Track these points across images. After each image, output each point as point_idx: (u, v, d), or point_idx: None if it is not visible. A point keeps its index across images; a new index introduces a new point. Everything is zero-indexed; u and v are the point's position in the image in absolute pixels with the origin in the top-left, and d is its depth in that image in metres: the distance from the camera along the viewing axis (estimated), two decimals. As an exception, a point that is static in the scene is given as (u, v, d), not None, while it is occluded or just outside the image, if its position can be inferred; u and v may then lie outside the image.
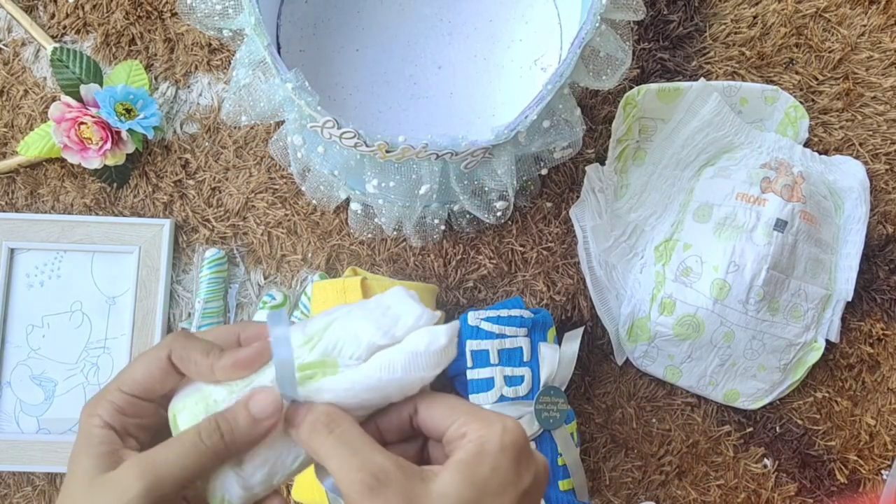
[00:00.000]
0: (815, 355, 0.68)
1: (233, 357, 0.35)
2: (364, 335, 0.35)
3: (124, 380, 0.36)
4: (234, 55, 0.55)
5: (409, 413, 0.37)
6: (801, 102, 0.71)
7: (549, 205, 0.70)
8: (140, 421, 0.36)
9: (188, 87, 0.71)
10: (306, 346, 0.35)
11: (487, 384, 0.61)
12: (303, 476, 0.61)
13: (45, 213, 0.69)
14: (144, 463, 0.33)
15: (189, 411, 0.35)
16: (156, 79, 0.71)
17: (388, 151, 0.51)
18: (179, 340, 0.37)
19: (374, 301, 0.37)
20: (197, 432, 0.34)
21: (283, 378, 0.35)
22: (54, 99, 0.69)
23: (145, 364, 0.36)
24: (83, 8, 0.71)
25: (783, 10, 0.72)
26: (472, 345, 0.61)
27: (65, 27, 0.71)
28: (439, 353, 0.35)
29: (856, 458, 0.69)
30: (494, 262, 0.70)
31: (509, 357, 0.62)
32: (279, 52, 0.68)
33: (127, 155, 0.68)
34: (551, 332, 0.64)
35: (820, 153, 0.71)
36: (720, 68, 0.72)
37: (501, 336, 0.61)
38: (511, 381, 0.61)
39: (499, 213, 0.64)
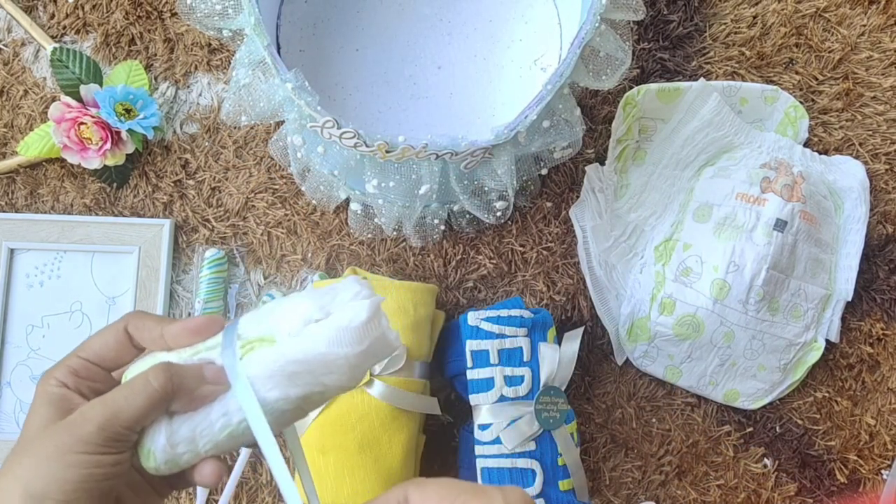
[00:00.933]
0: (815, 355, 0.68)
1: (183, 324, 0.38)
2: (301, 311, 0.36)
3: (82, 347, 0.39)
4: (233, 55, 0.55)
5: (398, 502, 0.36)
6: (800, 102, 0.71)
7: (549, 205, 0.70)
8: (93, 384, 0.38)
9: (188, 87, 0.71)
10: (254, 323, 0.37)
11: (487, 384, 0.61)
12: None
13: (45, 213, 0.69)
14: (98, 403, 0.35)
15: (139, 371, 0.37)
16: (155, 79, 0.71)
17: (387, 151, 0.51)
18: (136, 313, 0.40)
19: (326, 286, 0.38)
20: (145, 376, 0.36)
21: (225, 348, 0.36)
22: (54, 99, 0.69)
23: (103, 334, 0.39)
24: (83, 8, 0.71)
25: (783, 10, 0.72)
26: (472, 345, 0.61)
27: (64, 27, 0.71)
28: (361, 329, 0.35)
29: (856, 457, 0.69)
30: (494, 262, 0.70)
31: (509, 357, 0.62)
32: (279, 52, 0.68)
33: (127, 155, 0.68)
34: (551, 332, 0.64)
35: (820, 153, 0.71)
36: (720, 68, 0.72)
37: (501, 336, 0.61)
38: (511, 381, 0.61)
39: (499, 213, 0.64)
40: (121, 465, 0.35)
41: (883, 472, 0.69)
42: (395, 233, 0.68)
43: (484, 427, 0.61)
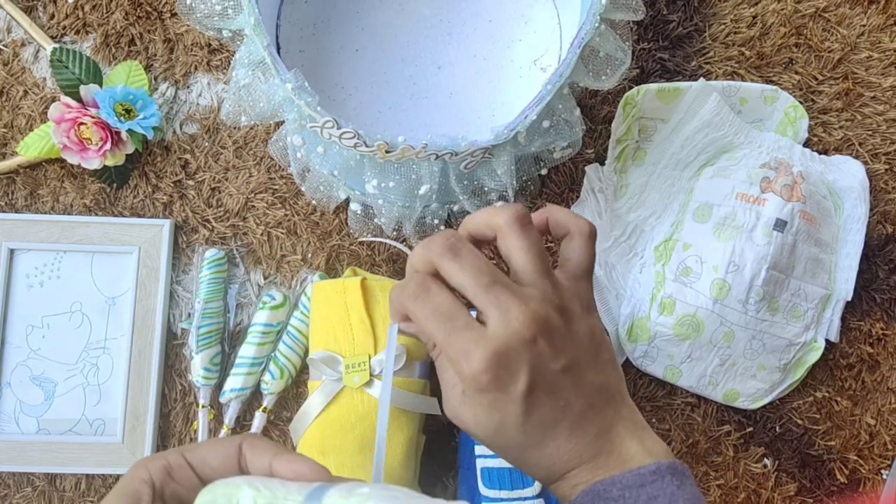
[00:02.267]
0: (814, 355, 0.68)
1: (293, 466, 0.36)
2: None
3: (190, 448, 0.38)
4: (233, 55, 0.55)
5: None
6: (800, 102, 0.71)
7: (548, 205, 0.70)
8: (179, 489, 0.37)
9: (188, 87, 0.71)
10: (346, 495, 0.34)
11: (487, 384, 0.61)
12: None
13: (45, 213, 0.69)
14: None
15: (209, 498, 0.35)
16: (155, 79, 0.71)
17: (387, 152, 0.51)
18: (254, 436, 0.38)
19: (420, 497, 0.35)
20: None
21: None
22: (54, 99, 0.69)
23: (216, 444, 0.38)
24: (83, 8, 0.71)
25: (783, 10, 0.72)
26: (471, 345, 0.61)
27: (64, 28, 0.71)
28: None
29: (856, 457, 0.69)
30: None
31: (509, 357, 0.62)
32: (279, 52, 0.68)
33: (126, 155, 0.68)
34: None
35: (819, 153, 0.71)
36: (720, 68, 0.72)
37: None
38: (511, 381, 0.61)
39: (498, 214, 0.64)
40: None
41: (883, 471, 0.69)
42: (394, 233, 0.68)
43: (484, 427, 0.61)
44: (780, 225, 0.65)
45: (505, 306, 0.38)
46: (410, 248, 0.69)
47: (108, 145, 0.66)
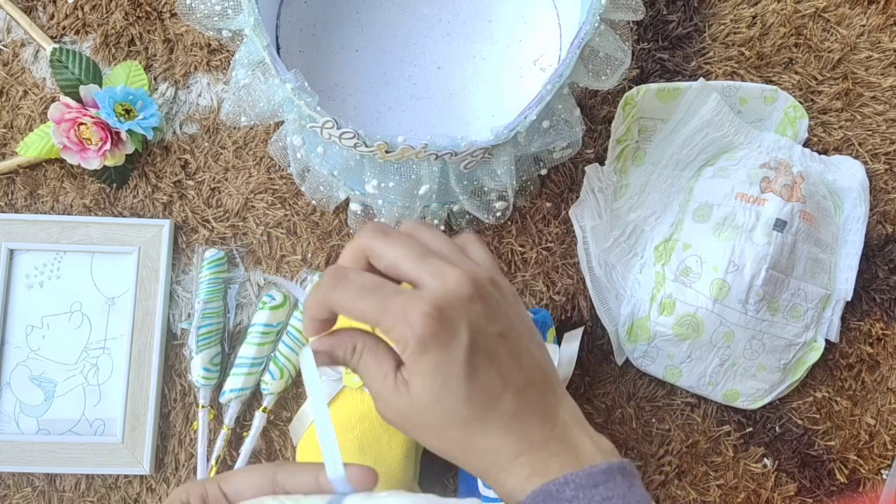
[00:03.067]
0: (814, 355, 0.68)
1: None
2: None
3: (225, 478, 0.38)
4: (233, 56, 0.55)
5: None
6: (800, 102, 0.71)
7: (548, 205, 0.70)
8: None
9: (187, 87, 0.71)
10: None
11: (487, 384, 0.61)
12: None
13: (45, 213, 0.69)
14: None
15: None
16: (155, 79, 0.71)
17: (387, 152, 0.51)
18: (287, 463, 0.40)
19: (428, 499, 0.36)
20: None
21: None
22: (53, 100, 0.69)
23: (251, 474, 0.38)
24: (82, 9, 0.71)
25: (782, 10, 0.72)
26: (471, 345, 0.61)
27: (64, 28, 0.71)
28: None
29: (856, 457, 0.69)
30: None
31: (509, 357, 0.62)
32: (278, 52, 0.68)
33: (126, 155, 0.68)
34: (551, 332, 0.64)
35: (819, 153, 0.71)
36: (719, 68, 0.72)
37: (501, 336, 0.61)
38: (511, 381, 0.61)
39: (498, 214, 0.64)
40: None
41: (883, 471, 0.69)
42: (394, 233, 0.68)
43: (484, 427, 0.61)
44: (780, 225, 0.65)
45: (440, 271, 0.37)
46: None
47: (108, 145, 0.66)
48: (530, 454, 0.37)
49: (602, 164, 0.70)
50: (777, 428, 0.69)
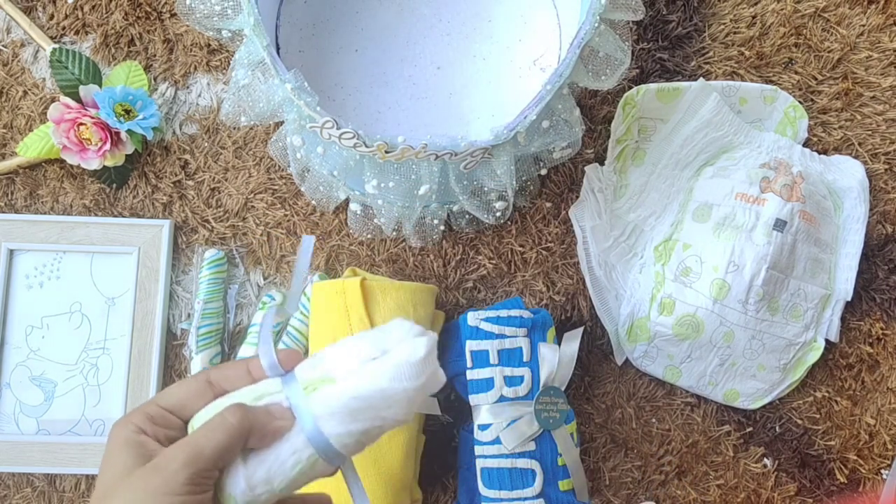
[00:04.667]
0: (814, 355, 0.68)
1: (266, 355, 0.40)
2: (358, 351, 0.38)
3: (161, 395, 0.40)
4: (233, 56, 0.55)
5: None
6: (800, 102, 0.71)
7: (548, 205, 0.70)
8: (168, 432, 0.39)
9: (187, 87, 0.71)
10: (310, 368, 0.39)
11: (487, 384, 0.61)
12: None
13: (45, 213, 0.69)
14: (181, 445, 0.37)
15: (205, 415, 0.39)
16: (155, 79, 0.71)
17: (387, 152, 0.51)
18: (216, 366, 0.41)
19: (376, 329, 0.40)
20: (221, 415, 0.37)
21: (288, 386, 0.39)
22: (53, 100, 0.69)
23: (183, 383, 0.41)
24: (82, 9, 0.71)
25: (782, 9, 0.72)
26: (471, 345, 0.61)
27: (64, 28, 0.71)
28: (420, 364, 0.38)
29: (855, 457, 0.69)
30: (494, 262, 0.70)
31: (509, 357, 0.62)
32: (278, 52, 0.68)
33: (126, 156, 0.68)
34: (551, 333, 0.64)
35: (819, 153, 0.71)
36: (719, 68, 0.72)
37: (501, 336, 0.61)
38: (511, 381, 0.61)
39: (498, 214, 0.64)
40: None
41: (883, 471, 0.69)
42: (394, 233, 0.68)
43: (484, 427, 0.61)
44: (780, 225, 0.65)
45: None
46: (410, 247, 0.70)
47: (108, 146, 0.66)
48: None
49: (602, 164, 0.70)
50: (777, 428, 0.69)
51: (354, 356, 0.38)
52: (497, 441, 0.60)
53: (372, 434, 0.39)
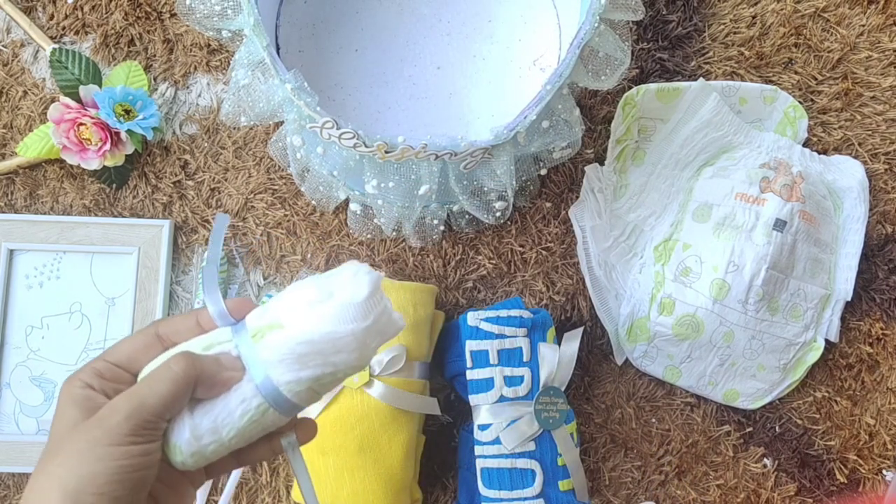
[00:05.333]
0: (814, 355, 0.68)
1: (214, 304, 0.39)
2: (305, 295, 0.37)
3: (109, 351, 0.40)
4: (233, 56, 0.55)
5: None
6: (800, 102, 0.71)
7: (548, 205, 0.70)
8: (117, 386, 0.38)
9: (187, 87, 0.71)
10: (260, 314, 0.38)
11: (487, 384, 0.61)
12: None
13: (45, 213, 0.69)
14: (124, 395, 0.36)
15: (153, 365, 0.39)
16: (155, 79, 0.71)
17: (387, 152, 0.51)
18: (165, 318, 0.41)
19: (327, 272, 0.39)
20: (166, 364, 0.37)
21: (237, 334, 0.38)
22: (53, 100, 0.69)
23: (132, 338, 0.40)
24: (82, 9, 0.71)
25: (782, 10, 0.72)
26: (471, 345, 0.61)
27: (64, 28, 0.71)
28: (364, 304, 0.37)
29: (855, 457, 0.69)
30: (494, 262, 0.70)
31: (509, 357, 0.62)
32: (278, 52, 0.68)
33: (126, 156, 0.68)
34: (551, 333, 0.64)
35: (819, 153, 0.71)
36: (719, 68, 0.72)
37: (501, 336, 0.61)
38: (511, 381, 0.61)
39: (498, 214, 0.64)
40: (151, 456, 0.36)
41: (884, 471, 0.69)
42: (394, 233, 0.68)
43: (484, 427, 0.61)
44: (780, 225, 0.65)
45: None
46: (410, 247, 0.70)
47: (108, 146, 0.66)
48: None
49: (602, 164, 0.70)
50: (777, 428, 0.69)
51: (302, 300, 0.37)
52: (497, 441, 0.60)
53: (325, 382, 0.38)
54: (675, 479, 0.69)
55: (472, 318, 0.62)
